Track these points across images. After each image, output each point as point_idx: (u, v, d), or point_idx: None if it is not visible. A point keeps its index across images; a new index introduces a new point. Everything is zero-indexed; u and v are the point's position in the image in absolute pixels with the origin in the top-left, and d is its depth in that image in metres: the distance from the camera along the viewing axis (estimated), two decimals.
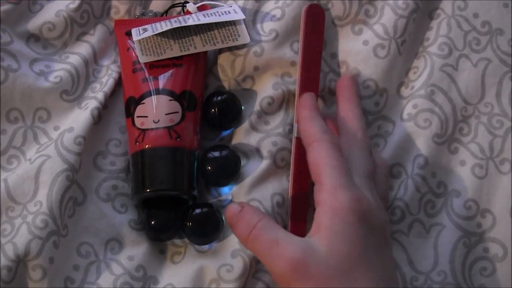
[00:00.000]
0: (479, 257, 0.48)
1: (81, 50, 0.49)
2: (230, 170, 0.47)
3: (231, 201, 0.47)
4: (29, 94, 0.47)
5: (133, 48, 0.49)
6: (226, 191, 0.48)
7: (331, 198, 0.40)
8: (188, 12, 0.51)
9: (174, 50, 0.48)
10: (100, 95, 0.47)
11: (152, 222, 0.46)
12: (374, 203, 0.41)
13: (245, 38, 0.49)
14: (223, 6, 0.50)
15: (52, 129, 0.47)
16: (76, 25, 0.50)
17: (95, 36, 0.50)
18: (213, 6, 0.51)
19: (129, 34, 0.49)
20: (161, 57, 0.47)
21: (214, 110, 0.48)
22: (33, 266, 0.42)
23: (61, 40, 0.49)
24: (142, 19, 0.51)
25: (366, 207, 0.40)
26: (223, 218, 0.46)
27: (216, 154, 0.47)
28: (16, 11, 0.49)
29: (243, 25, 0.49)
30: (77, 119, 0.46)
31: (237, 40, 0.49)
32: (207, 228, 0.46)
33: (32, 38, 0.49)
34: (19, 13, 0.49)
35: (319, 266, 0.38)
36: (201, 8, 0.51)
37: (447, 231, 0.48)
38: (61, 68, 0.48)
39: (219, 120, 0.48)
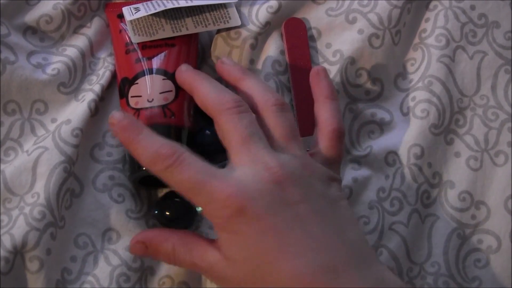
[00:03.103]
0: (473, 249, 0.48)
1: (78, 42, 0.49)
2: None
3: None
4: (26, 86, 0.47)
5: (125, 30, 0.49)
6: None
7: (207, 211, 0.39)
8: None
9: (166, 30, 0.48)
10: (97, 87, 0.48)
11: (167, 213, 0.46)
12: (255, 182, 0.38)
13: (236, 20, 0.49)
14: None
15: (50, 121, 0.47)
16: (73, 18, 0.50)
17: (92, 28, 0.50)
18: None
19: (121, 16, 0.50)
20: (153, 38, 0.48)
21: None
22: (30, 257, 0.42)
23: (58, 33, 0.50)
24: (130, 3, 0.51)
25: (246, 200, 0.37)
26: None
27: (212, 130, 0.47)
28: (13, 4, 0.49)
29: (234, 8, 0.50)
30: (74, 111, 0.47)
31: (228, 23, 0.49)
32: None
33: (30, 30, 0.49)
34: (16, 6, 0.49)
35: (231, 279, 0.39)
36: None
37: (441, 222, 0.48)
38: (58, 60, 0.48)
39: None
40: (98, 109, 0.48)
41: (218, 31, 0.51)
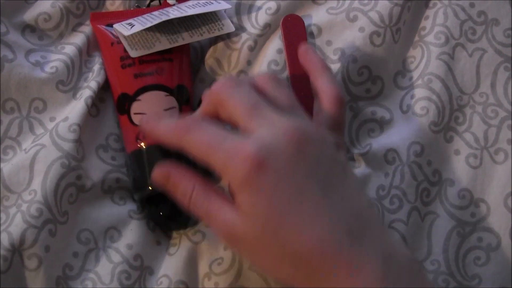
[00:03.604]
0: (473, 247, 0.48)
1: (77, 40, 0.49)
2: None
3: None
4: (24, 84, 0.47)
5: (117, 43, 0.48)
6: None
7: (223, 177, 0.39)
8: (167, 4, 0.50)
9: (162, 43, 0.48)
10: (93, 84, 0.47)
11: (161, 212, 0.46)
12: (270, 140, 0.37)
13: (229, 27, 0.50)
14: None
15: (48, 119, 0.47)
16: (72, 16, 0.50)
17: (90, 26, 0.50)
18: None
19: (110, 26, 0.49)
20: (151, 51, 0.47)
21: None
22: (28, 255, 0.42)
23: (57, 31, 0.50)
24: (118, 12, 0.50)
25: (267, 155, 0.36)
26: None
27: None
28: (12, 2, 0.49)
29: (225, 15, 0.50)
30: (72, 110, 0.47)
31: (222, 29, 0.49)
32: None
33: (28, 29, 0.49)
34: (15, 4, 0.49)
35: (246, 237, 0.37)
36: (180, 0, 0.50)
37: (441, 220, 0.48)
38: (56, 58, 0.48)
39: None
40: (98, 110, 0.48)
41: (217, 37, 0.50)
